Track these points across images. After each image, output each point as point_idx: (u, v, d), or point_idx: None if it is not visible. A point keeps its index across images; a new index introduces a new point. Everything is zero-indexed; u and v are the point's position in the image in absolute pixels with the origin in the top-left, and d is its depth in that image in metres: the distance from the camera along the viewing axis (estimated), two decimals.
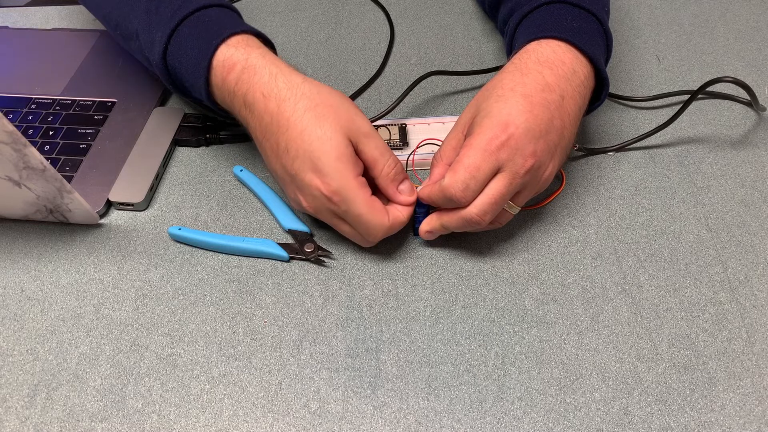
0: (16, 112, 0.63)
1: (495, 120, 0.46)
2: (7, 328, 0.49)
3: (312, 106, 0.47)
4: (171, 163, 0.60)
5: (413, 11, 0.75)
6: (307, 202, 0.48)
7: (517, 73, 0.48)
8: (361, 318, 0.49)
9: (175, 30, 0.51)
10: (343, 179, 0.46)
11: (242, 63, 0.49)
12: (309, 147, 0.46)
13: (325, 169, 0.45)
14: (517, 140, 0.45)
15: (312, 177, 0.46)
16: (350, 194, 0.46)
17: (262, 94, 0.48)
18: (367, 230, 0.48)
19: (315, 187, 0.46)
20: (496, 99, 0.47)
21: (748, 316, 0.48)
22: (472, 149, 0.46)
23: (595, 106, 0.53)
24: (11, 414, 0.45)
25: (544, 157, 0.47)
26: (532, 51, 0.50)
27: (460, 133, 0.50)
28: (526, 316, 0.48)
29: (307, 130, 0.46)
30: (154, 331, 0.49)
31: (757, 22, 0.71)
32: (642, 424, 0.43)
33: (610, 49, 0.54)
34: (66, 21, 0.75)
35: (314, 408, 0.44)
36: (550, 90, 0.47)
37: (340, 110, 0.47)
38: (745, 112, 0.62)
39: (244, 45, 0.50)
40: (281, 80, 0.48)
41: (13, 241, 0.54)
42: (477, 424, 0.43)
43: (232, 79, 0.49)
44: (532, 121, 0.46)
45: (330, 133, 0.46)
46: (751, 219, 0.54)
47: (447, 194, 0.46)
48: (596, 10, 0.52)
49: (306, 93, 0.47)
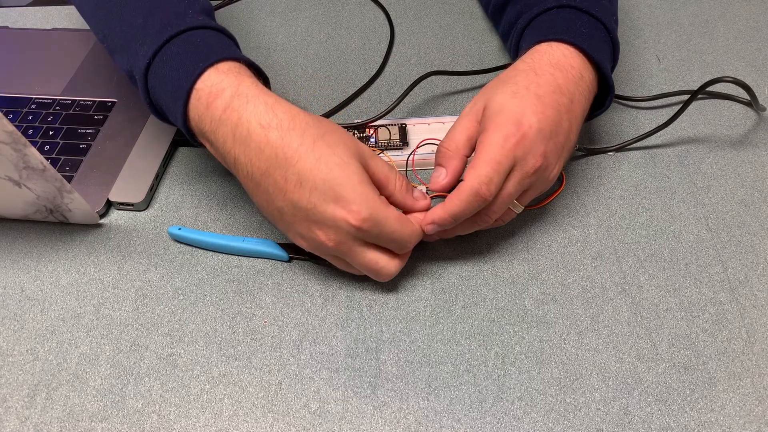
0: (16, 112, 0.63)
1: (509, 117, 0.46)
2: (7, 328, 0.49)
3: (321, 135, 0.44)
4: (171, 163, 0.60)
5: (413, 11, 0.75)
6: (329, 236, 0.44)
7: (531, 73, 0.48)
8: (361, 318, 0.49)
9: (162, 47, 0.47)
10: (372, 203, 0.43)
11: (232, 90, 0.45)
12: (328, 176, 0.42)
13: (350, 197, 0.42)
14: (531, 139, 0.45)
15: (335, 208, 0.42)
16: (381, 215, 0.43)
17: (259, 124, 0.44)
18: (403, 244, 0.46)
19: (341, 218, 0.43)
20: (512, 95, 0.47)
21: (748, 316, 0.48)
22: (489, 145, 0.45)
23: (599, 113, 0.54)
24: (11, 414, 0.45)
25: (551, 157, 0.47)
26: (544, 52, 0.50)
27: (476, 122, 0.48)
28: (526, 316, 0.48)
29: (323, 159, 0.43)
30: (154, 331, 0.49)
31: (757, 22, 0.71)
32: (642, 424, 0.43)
33: (616, 58, 0.54)
34: (66, 21, 0.75)
35: (314, 408, 0.44)
36: (561, 92, 0.47)
37: (344, 136, 0.45)
38: (745, 112, 0.62)
39: (236, 73, 0.46)
40: (279, 110, 0.44)
41: (13, 241, 0.54)
42: (477, 424, 0.43)
43: (219, 106, 0.45)
44: (544, 121, 0.46)
45: (347, 159, 0.43)
46: (751, 219, 0.54)
47: (473, 191, 0.44)
48: (605, 19, 0.52)
49: (309, 122, 0.44)
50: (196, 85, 0.45)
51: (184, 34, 0.48)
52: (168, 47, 0.47)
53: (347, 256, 0.46)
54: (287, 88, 0.66)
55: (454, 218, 0.46)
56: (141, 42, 0.49)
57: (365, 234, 0.44)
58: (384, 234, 0.44)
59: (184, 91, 0.45)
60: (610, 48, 0.53)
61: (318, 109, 0.64)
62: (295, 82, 0.67)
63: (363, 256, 0.46)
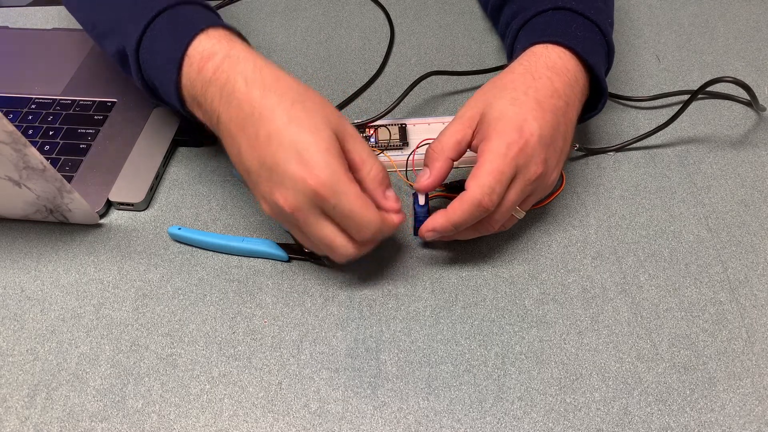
0: (16, 112, 0.63)
1: (510, 124, 0.45)
2: (7, 328, 0.49)
3: (300, 100, 0.44)
4: (171, 163, 0.60)
5: (413, 11, 0.75)
6: (285, 197, 0.43)
7: (529, 76, 0.48)
8: (361, 318, 0.49)
9: (152, 21, 0.48)
10: (335, 171, 0.42)
11: (224, 53, 0.46)
12: (296, 137, 0.42)
13: (314, 160, 0.42)
14: (533, 146, 0.45)
15: (297, 168, 0.42)
16: (341, 186, 0.42)
17: (245, 80, 0.44)
18: (359, 227, 0.44)
19: (300, 179, 0.41)
20: (511, 101, 0.46)
21: (748, 316, 0.48)
22: (492, 154, 0.45)
23: (592, 115, 0.54)
24: (11, 414, 0.45)
25: (551, 163, 0.47)
26: (541, 55, 0.50)
27: (467, 128, 0.48)
28: (526, 316, 0.48)
29: (296, 121, 0.43)
30: (154, 331, 0.49)
31: (757, 22, 0.71)
32: (642, 424, 0.43)
33: (611, 61, 0.54)
34: (66, 21, 0.75)
35: (314, 408, 0.44)
36: (558, 96, 0.47)
37: (327, 108, 0.45)
38: (745, 112, 0.62)
39: (227, 39, 0.47)
40: (267, 72, 0.45)
41: (13, 241, 0.54)
42: (477, 424, 0.43)
43: (210, 68, 0.45)
44: (545, 127, 0.46)
45: (320, 125, 0.43)
46: (751, 219, 0.54)
47: (474, 202, 0.45)
48: (600, 22, 0.52)
49: (293, 87, 0.45)
50: (187, 52, 0.46)
51: (173, 9, 0.49)
52: (157, 21, 0.49)
53: (304, 225, 0.44)
54: None
55: (455, 227, 0.46)
56: (131, 20, 0.50)
57: (323, 201, 0.42)
58: (341, 207, 0.42)
59: (176, 60, 0.46)
60: (605, 51, 0.53)
61: None
62: None
63: (319, 228, 0.44)
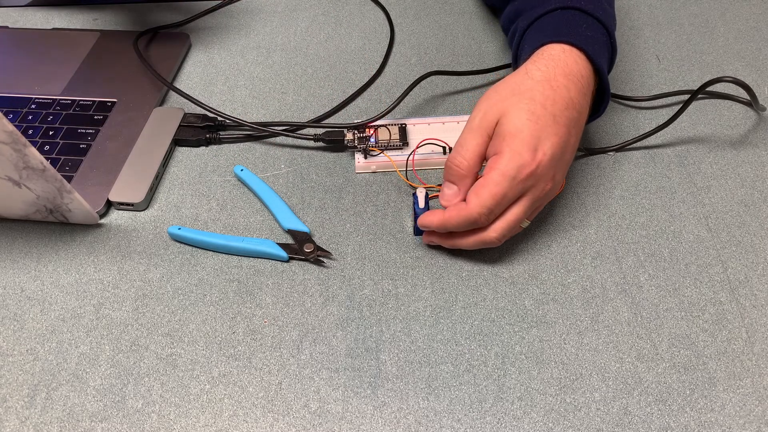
0: (16, 112, 0.63)
1: (526, 144, 0.45)
2: (7, 328, 0.49)
3: None
4: (171, 163, 0.60)
5: (413, 11, 0.75)
6: None
7: (547, 86, 0.47)
8: (361, 318, 0.49)
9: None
10: None
11: None
12: None
13: None
14: (544, 168, 0.46)
15: None
16: None
17: None
18: None
19: None
20: (529, 115, 0.46)
21: (748, 316, 0.48)
22: (500, 175, 0.45)
23: (593, 118, 0.54)
24: (11, 414, 0.45)
25: (558, 176, 0.48)
26: (558, 59, 0.49)
27: (486, 137, 0.48)
28: (526, 316, 0.48)
29: None
30: (154, 331, 0.49)
31: (757, 22, 0.71)
32: (642, 424, 0.43)
33: (613, 61, 0.54)
34: (66, 21, 0.75)
35: (314, 408, 0.44)
36: (573, 107, 0.47)
37: None
38: (745, 112, 0.62)
39: None
40: None
41: (13, 241, 0.54)
42: (477, 424, 0.43)
43: None
44: (557, 145, 0.46)
45: None
46: (751, 219, 0.54)
47: (471, 218, 0.46)
48: (607, 22, 0.52)
49: None
50: None
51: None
52: None
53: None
54: (287, 88, 0.66)
55: (445, 229, 0.49)
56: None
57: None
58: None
59: None
60: (609, 52, 0.53)
61: (318, 109, 0.64)
62: (295, 82, 0.67)
63: None
